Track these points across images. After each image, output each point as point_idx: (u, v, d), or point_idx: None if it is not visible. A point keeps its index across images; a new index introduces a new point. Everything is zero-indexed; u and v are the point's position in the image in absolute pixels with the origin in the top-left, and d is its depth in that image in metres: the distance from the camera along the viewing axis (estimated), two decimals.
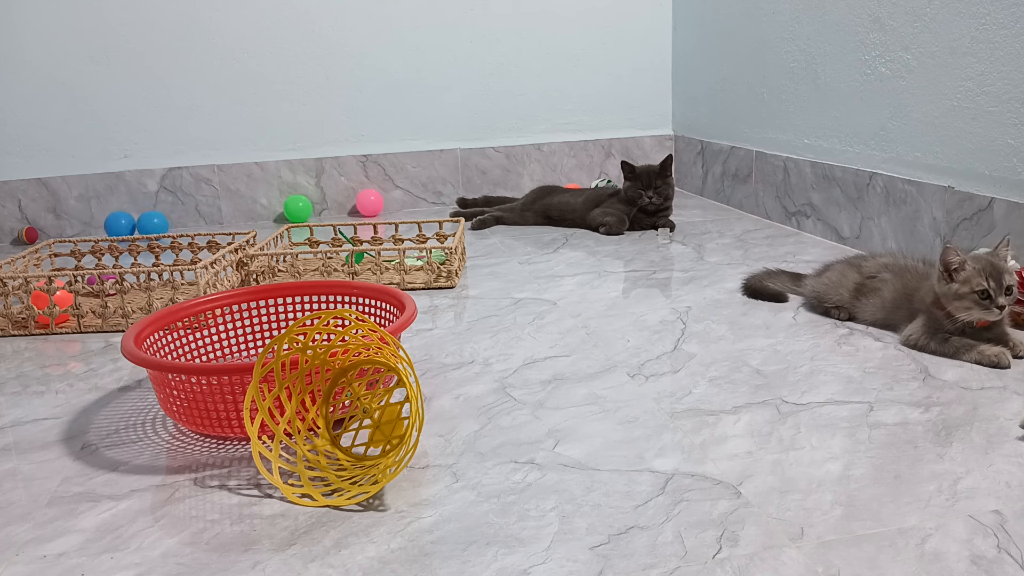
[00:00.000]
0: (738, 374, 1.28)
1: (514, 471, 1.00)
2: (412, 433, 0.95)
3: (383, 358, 1.02)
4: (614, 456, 1.03)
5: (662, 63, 3.04)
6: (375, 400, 1.05)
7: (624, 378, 1.28)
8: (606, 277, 1.89)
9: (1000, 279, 1.26)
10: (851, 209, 2.03)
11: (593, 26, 2.95)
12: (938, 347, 1.33)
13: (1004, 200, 1.56)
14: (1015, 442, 1.02)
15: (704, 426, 1.10)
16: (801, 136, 2.24)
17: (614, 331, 1.51)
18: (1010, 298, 1.27)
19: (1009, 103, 1.54)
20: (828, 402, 1.16)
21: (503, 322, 1.58)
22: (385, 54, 2.80)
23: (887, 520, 0.86)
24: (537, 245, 2.26)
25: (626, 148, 3.05)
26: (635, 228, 2.40)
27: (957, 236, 1.67)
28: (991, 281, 1.26)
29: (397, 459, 0.96)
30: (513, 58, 2.91)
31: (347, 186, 2.85)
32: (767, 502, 0.90)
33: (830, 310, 1.52)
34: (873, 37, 1.91)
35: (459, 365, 1.36)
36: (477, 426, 1.13)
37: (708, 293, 1.72)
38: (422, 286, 1.83)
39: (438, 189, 2.92)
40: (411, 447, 0.95)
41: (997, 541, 0.81)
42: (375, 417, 1.03)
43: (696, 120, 2.91)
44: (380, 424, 1.03)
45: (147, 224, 2.57)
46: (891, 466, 0.97)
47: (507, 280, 1.89)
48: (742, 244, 2.16)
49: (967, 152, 1.65)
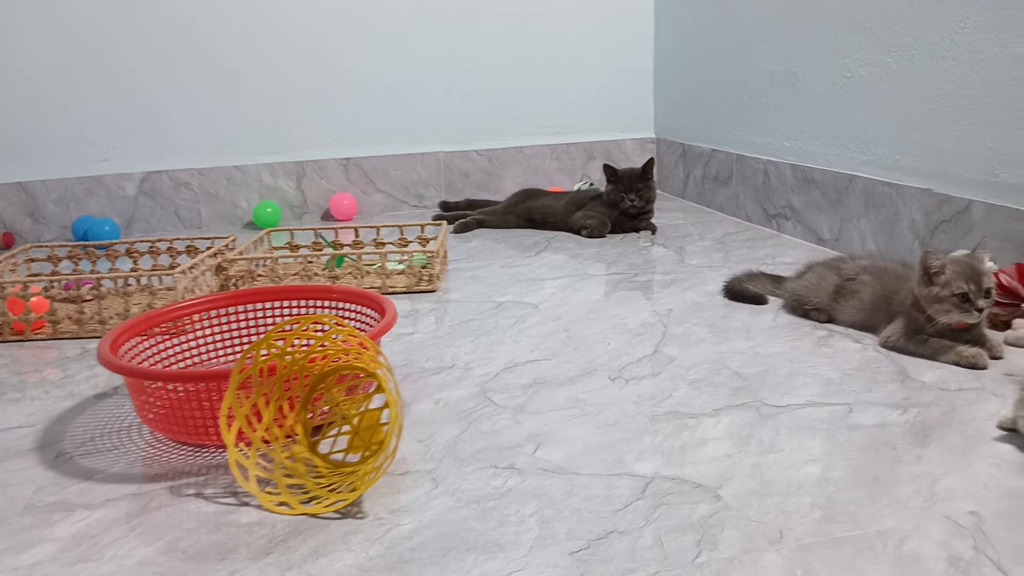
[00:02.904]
0: (718, 377, 1.28)
1: (494, 476, 0.99)
2: (391, 439, 0.94)
3: (362, 363, 1.02)
4: (594, 460, 1.02)
5: (644, 66, 3.05)
6: (354, 406, 1.04)
7: (605, 381, 1.28)
8: (588, 280, 1.89)
9: (980, 282, 1.27)
10: (831, 211, 2.04)
11: (576, 29, 2.95)
12: (916, 348, 1.33)
13: (982, 202, 1.57)
14: (992, 443, 1.03)
15: (684, 429, 1.10)
16: (781, 139, 2.25)
17: (595, 334, 1.51)
18: (989, 301, 1.28)
19: (988, 106, 1.55)
20: (807, 404, 1.17)
21: (484, 326, 1.57)
22: (367, 57, 2.79)
23: (865, 522, 0.86)
24: (519, 248, 2.26)
25: (608, 151, 3.06)
26: (617, 231, 2.40)
27: (936, 238, 1.69)
28: (971, 284, 1.27)
29: (376, 465, 0.96)
30: (495, 61, 2.91)
31: (328, 189, 2.84)
32: (746, 505, 0.90)
33: (810, 312, 1.53)
34: (853, 40, 1.92)
35: (440, 369, 1.35)
36: (457, 431, 1.12)
37: (689, 296, 1.73)
38: (403, 290, 1.82)
39: (420, 192, 2.91)
40: (390, 453, 0.94)
41: (974, 542, 0.81)
42: (354, 423, 1.02)
43: (677, 123, 2.91)
44: (359, 430, 1.02)
45: (98, 231, 2.48)
46: (870, 468, 0.98)
47: (489, 283, 1.88)
48: (723, 246, 2.16)
49: (946, 155, 1.67)
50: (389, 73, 2.82)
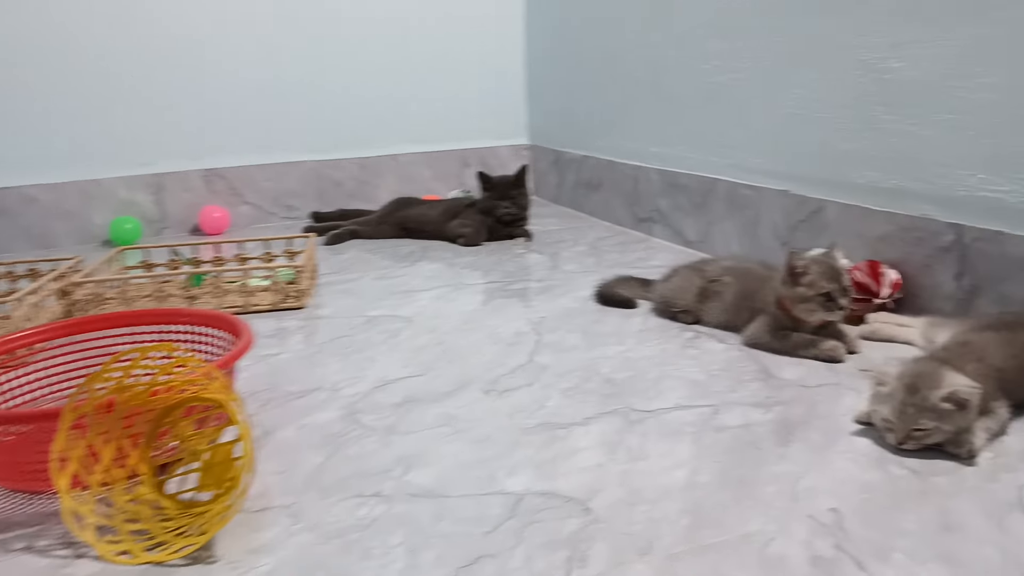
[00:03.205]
0: (589, 384, 1.28)
1: (359, 505, 0.94)
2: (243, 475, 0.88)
3: (211, 394, 0.95)
4: (465, 479, 0.99)
5: (516, 73, 3.06)
6: (203, 440, 0.97)
7: (478, 395, 1.25)
8: (463, 290, 1.86)
9: (841, 281, 1.32)
10: (696, 214, 2.09)
11: (448, 35, 2.92)
12: (778, 345, 1.38)
13: (836, 202, 1.64)
14: (850, 437, 1.06)
15: (555, 440, 1.09)
16: (648, 144, 2.29)
17: (469, 345, 1.48)
18: (849, 299, 1.34)
19: (838, 109, 1.62)
20: (675, 407, 1.18)
21: (355, 342, 1.51)
22: (231, 63, 2.67)
23: (731, 526, 0.87)
24: (394, 259, 2.20)
25: (483, 158, 3.04)
26: (493, 238, 2.39)
27: (794, 238, 1.75)
28: (833, 284, 1.32)
29: (228, 504, 0.89)
30: (367, 67, 2.84)
31: (191, 203, 2.69)
32: (616, 516, 0.89)
33: (677, 314, 1.55)
34: (714, 46, 1.98)
35: (305, 392, 1.29)
36: (321, 458, 1.06)
37: (562, 302, 1.73)
38: (268, 308, 1.74)
39: (290, 203, 2.81)
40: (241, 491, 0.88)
41: (835, 540, 0.83)
42: (204, 459, 0.95)
43: (550, 130, 2.93)
44: (210, 466, 0.95)
45: None
46: (735, 470, 0.99)
47: (361, 297, 1.82)
48: (595, 251, 2.18)
49: (802, 157, 1.73)
50: (256, 79, 2.70)
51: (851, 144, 1.59)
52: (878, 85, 1.52)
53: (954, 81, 1.36)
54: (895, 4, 1.46)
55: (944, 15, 1.37)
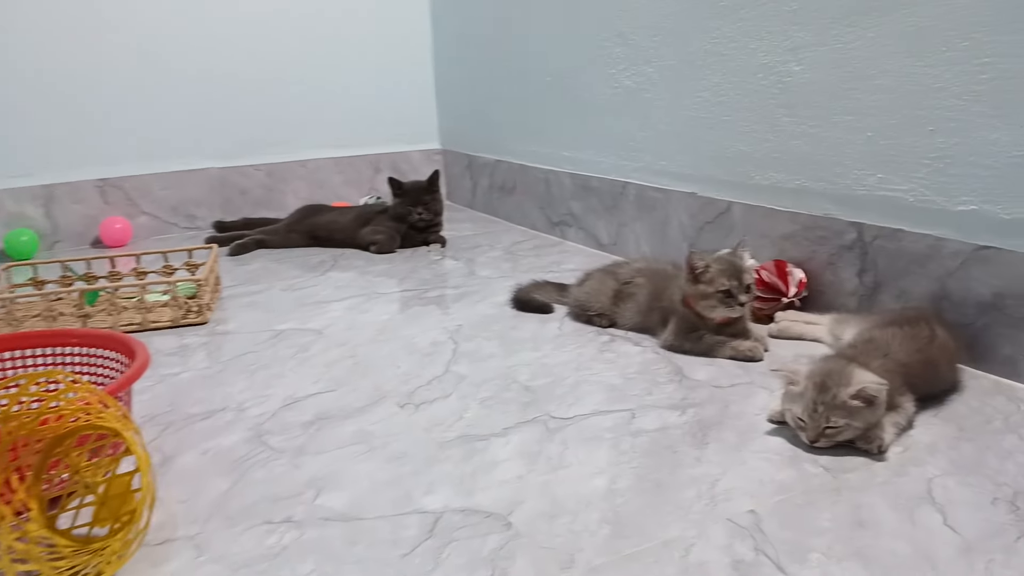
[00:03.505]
0: (508, 392, 1.26)
1: (268, 533, 0.90)
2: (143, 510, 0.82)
3: (106, 421, 0.88)
4: (381, 500, 0.96)
5: (425, 76, 3.02)
6: (99, 471, 0.90)
7: (393, 409, 1.22)
8: (377, 299, 1.82)
9: (740, 278, 1.35)
10: (608, 217, 2.10)
11: (355, 39, 2.87)
12: (693, 346, 1.39)
13: (741, 203, 1.67)
14: (764, 437, 1.07)
15: (474, 453, 1.06)
16: (560, 148, 2.29)
17: (384, 357, 1.44)
18: (749, 295, 1.36)
19: (741, 112, 1.65)
20: (593, 413, 1.17)
21: (261, 359, 1.45)
22: (124, 66, 2.54)
23: (652, 533, 0.86)
24: (303, 268, 2.14)
25: (395, 163, 2.99)
26: (407, 245, 2.35)
27: (702, 239, 1.78)
28: (733, 281, 1.34)
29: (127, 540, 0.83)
30: (272, 71, 2.76)
31: (85, 215, 2.55)
32: (536, 530, 0.88)
33: (592, 318, 1.55)
34: (618, 51, 1.99)
35: (209, 414, 1.22)
36: (227, 484, 1.01)
37: (479, 309, 1.70)
38: (169, 324, 1.65)
39: (191, 213, 2.70)
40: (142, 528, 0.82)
41: (754, 543, 0.83)
42: (99, 492, 0.89)
43: (462, 134, 2.91)
44: (106, 499, 0.89)
45: None
46: (653, 475, 0.98)
47: (268, 310, 1.75)
48: (511, 256, 2.17)
49: (707, 159, 1.76)
50: (151, 84, 2.58)
51: (754, 146, 1.63)
52: (779, 88, 1.55)
53: (851, 83, 1.40)
54: (793, 8, 1.49)
55: (839, 19, 1.41)
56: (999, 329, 1.21)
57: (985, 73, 1.19)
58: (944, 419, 1.10)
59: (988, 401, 1.14)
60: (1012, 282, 1.18)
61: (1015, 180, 1.17)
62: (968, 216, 1.24)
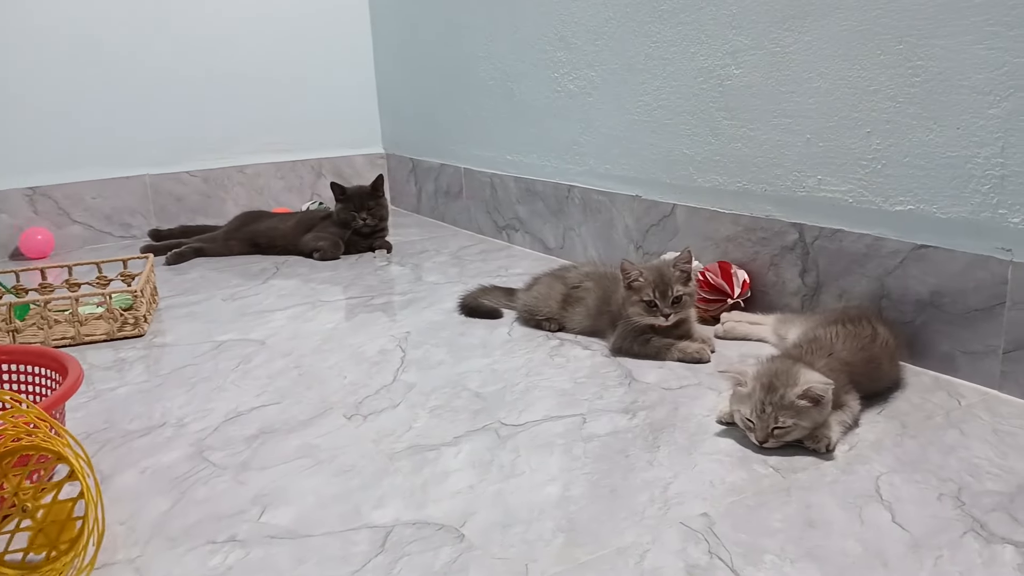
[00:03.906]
0: (458, 400, 1.24)
1: (212, 554, 0.86)
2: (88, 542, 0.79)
3: (50, 443, 0.84)
4: (329, 516, 0.93)
5: (367, 80, 2.98)
6: (39, 496, 0.86)
7: (340, 421, 1.19)
8: (321, 307, 1.78)
9: (665, 291, 1.35)
10: (554, 221, 2.10)
11: (293, 42, 2.81)
12: (641, 349, 1.39)
13: (684, 206, 1.69)
14: (714, 439, 1.08)
15: (425, 464, 1.04)
16: (504, 152, 2.29)
17: (330, 368, 1.41)
18: (678, 306, 1.36)
19: (682, 115, 1.67)
20: (544, 419, 1.16)
21: (202, 371, 1.41)
22: (52, 69, 2.44)
23: (606, 540, 0.86)
24: (244, 277, 2.09)
25: (337, 168, 2.95)
26: (351, 251, 2.31)
27: (647, 241, 1.79)
28: (656, 293, 1.35)
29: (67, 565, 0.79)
30: (207, 75, 2.68)
31: (10, 224, 2.44)
32: (490, 541, 0.86)
33: (541, 322, 1.55)
34: (560, 55, 1.99)
35: (147, 430, 1.18)
36: (167, 504, 0.97)
37: (427, 315, 1.68)
38: (104, 338, 1.59)
39: (126, 221, 2.61)
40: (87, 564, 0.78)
41: (708, 546, 0.83)
42: (36, 517, 0.84)
43: (406, 138, 2.88)
44: (43, 526, 0.84)
45: None
46: (606, 480, 0.98)
47: (208, 321, 1.70)
48: (458, 261, 2.15)
49: (650, 163, 1.77)
50: (78, 89, 2.49)
51: (696, 149, 1.64)
52: (719, 92, 1.57)
53: (788, 87, 1.43)
54: (732, 12, 1.51)
55: (776, 23, 1.43)
56: (937, 326, 1.24)
57: (918, 76, 1.22)
58: (888, 416, 1.12)
59: (929, 397, 1.17)
60: (949, 280, 1.21)
61: (949, 180, 1.21)
62: (905, 216, 1.27)
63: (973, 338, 1.19)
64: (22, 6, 2.38)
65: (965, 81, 1.17)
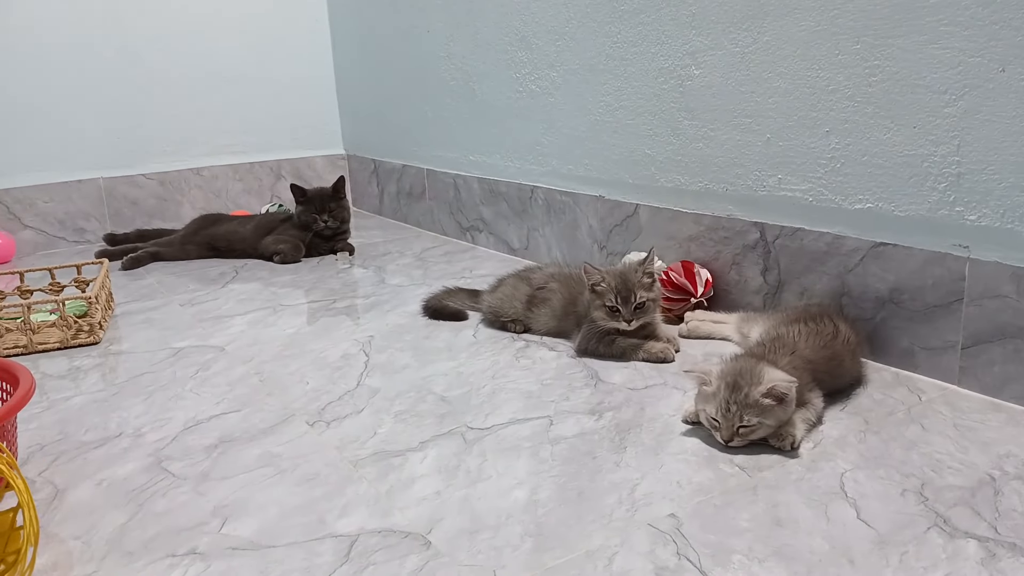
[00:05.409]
0: (423, 404, 1.23)
1: (172, 567, 0.84)
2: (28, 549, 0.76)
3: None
4: (292, 526, 0.91)
5: (326, 81, 2.95)
6: None
7: (303, 428, 1.17)
8: (283, 312, 1.75)
9: (628, 297, 1.35)
10: (518, 222, 2.10)
11: (251, 42, 2.77)
12: (606, 350, 1.39)
13: (647, 206, 1.69)
14: (680, 438, 1.08)
15: (390, 470, 1.03)
16: (467, 153, 2.27)
17: (291, 374, 1.38)
18: (640, 312, 1.36)
19: (643, 116, 1.67)
20: (511, 422, 1.15)
21: (159, 379, 1.38)
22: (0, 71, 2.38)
23: (575, 544, 0.85)
24: (202, 281, 2.05)
25: (297, 169, 2.91)
26: (312, 254, 2.28)
27: (611, 241, 1.79)
28: (619, 299, 1.35)
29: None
30: (162, 76, 2.63)
31: None
32: (457, 548, 0.85)
33: (507, 324, 1.54)
34: (522, 56, 1.98)
35: (103, 441, 1.15)
36: (125, 517, 0.94)
37: (391, 318, 1.66)
38: (57, 346, 1.55)
39: (79, 226, 2.55)
40: (27, 567, 0.75)
41: (676, 548, 0.83)
42: None
43: (367, 139, 2.85)
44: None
45: None
46: (574, 483, 0.97)
47: (165, 327, 1.67)
48: (422, 263, 2.14)
49: (612, 163, 1.77)
50: (30, 90, 2.42)
51: (657, 149, 1.65)
52: (679, 92, 1.58)
53: (748, 87, 1.44)
54: (692, 11, 1.52)
55: (735, 23, 1.44)
56: (896, 322, 1.26)
57: (875, 76, 1.24)
58: (850, 413, 1.13)
59: (890, 393, 1.19)
60: (907, 277, 1.23)
61: (907, 178, 1.22)
62: (864, 214, 1.29)
63: (932, 334, 1.21)
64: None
65: (921, 81, 1.18)
